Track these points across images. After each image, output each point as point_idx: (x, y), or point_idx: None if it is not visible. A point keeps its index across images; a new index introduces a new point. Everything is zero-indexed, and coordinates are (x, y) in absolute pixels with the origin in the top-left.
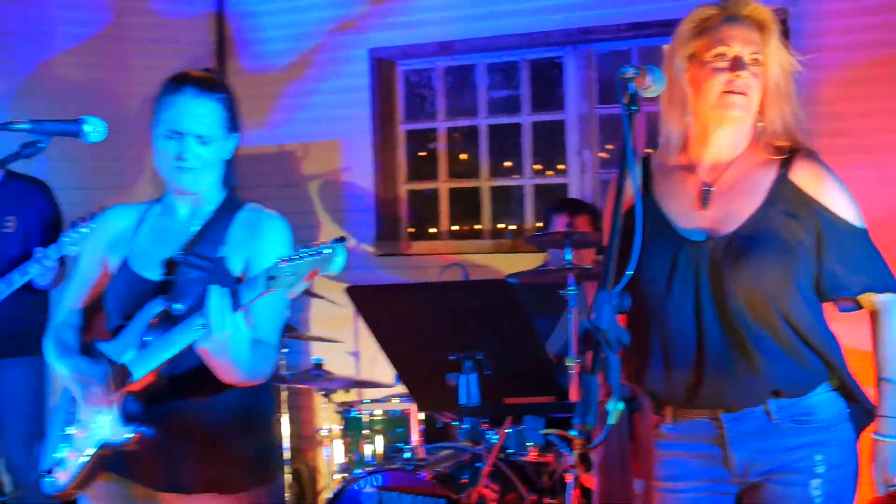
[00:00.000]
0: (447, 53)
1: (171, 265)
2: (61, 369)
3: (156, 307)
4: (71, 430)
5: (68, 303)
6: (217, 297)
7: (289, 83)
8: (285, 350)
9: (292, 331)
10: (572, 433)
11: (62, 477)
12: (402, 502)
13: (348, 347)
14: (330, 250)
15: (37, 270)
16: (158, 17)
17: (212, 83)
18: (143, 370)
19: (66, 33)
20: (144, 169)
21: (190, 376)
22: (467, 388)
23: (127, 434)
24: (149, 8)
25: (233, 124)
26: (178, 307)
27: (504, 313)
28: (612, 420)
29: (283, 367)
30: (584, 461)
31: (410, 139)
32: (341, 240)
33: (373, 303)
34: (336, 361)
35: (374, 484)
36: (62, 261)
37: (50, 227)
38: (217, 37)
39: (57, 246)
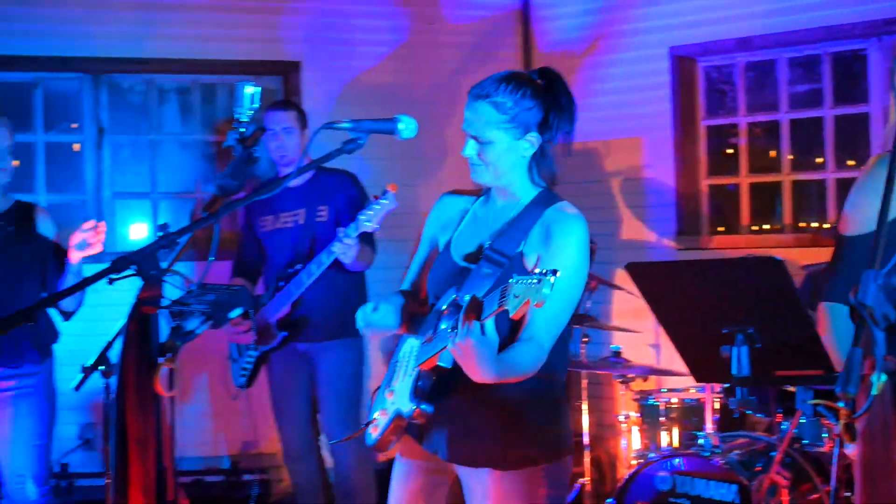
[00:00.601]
0: (747, 49)
1: (473, 255)
2: (387, 323)
3: (449, 297)
4: (387, 392)
5: (410, 277)
6: (465, 308)
7: (591, 82)
8: (586, 340)
9: (593, 320)
10: (840, 404)
11: (374, 432)
12: (695, 487)
13: (649, 339)
14: (537, 280)
15: (339, 249)
16: (464, 23)
17: (493, 84)
18: (425, 356)
19: (380, 41)
20: (445, 166)
21: None
22: (738, 359)
23: (411, 408)
24: (455, 14)
25: (521, 124)
26: (466, 299)
27: (774, 289)
28: (874, 391)
29: (583, 354)
30: (849, 430)
31: (711, 135)
32: (553, 272)
33: (650, 278)
34: (637, 353)
35: (669, 468)
36: (362, 238)
37: (356, 212)
38: (522, 38)
39: (355, 224)
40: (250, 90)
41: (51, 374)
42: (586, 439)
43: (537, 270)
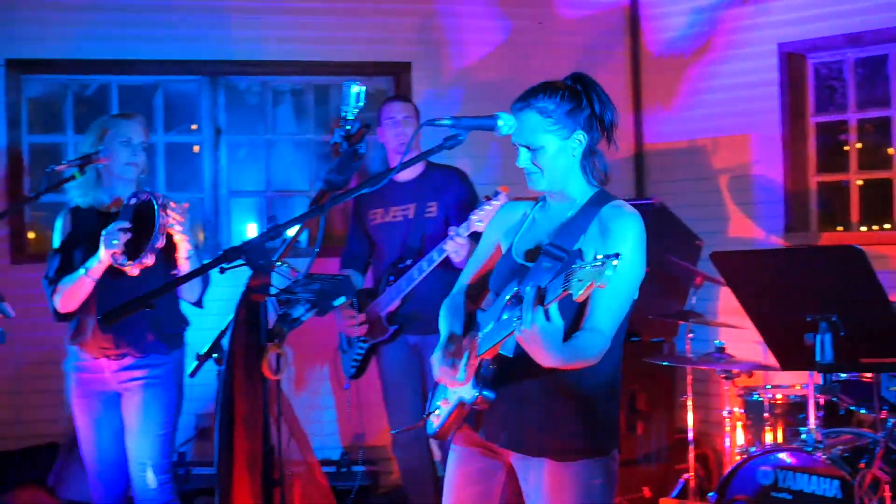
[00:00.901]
0: (857, 45)
1: (532, 253)
2: (441, 329)
3: (511, 289)
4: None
5: (467, 275)
6: (529, 294)
7: (699, 79)
8: (691, 335)
9: (698, 317)
10: None
11: (436, 421)
12: (797, 481)
13: (755, 336)
14: (601, 263)
15: (451, 247)
16: (573, 22)
17: (534, 93)
18: (488, 344)
19: (490, 41)
20: None
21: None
22: (822, 347)
23: (474, 395)
24: (564, 13)
25: (566, 125)
26: (530, 288)
27: (857, 278)
28: None
29: (688, 350)
30: None
31: (820, 131)
32: (616, 256)
33: (735, 267)
34: (742, 349)
35: (771, 463)
36: (471, 236)
37: (466, 210)
38: (630, 37)
39: (467, 224)
40: (356, 89)
41: (180, 364)
42: (691, 435)
43: (600, 256)
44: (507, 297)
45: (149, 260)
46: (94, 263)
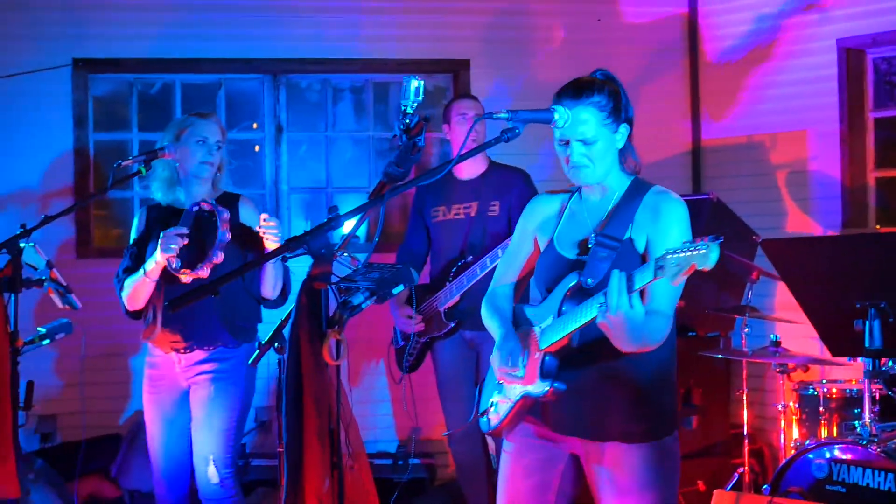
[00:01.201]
0: None
1: (583, 245)
2: (492, 329)
3: (570, 281)
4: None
5: (507, 272)
6: (615, 281)
7: (756, 76)
8: (746, 330)
9: (754, 311)
10: None
11: (494, 418)
12: (851, 475)
13: (811, 332)
14: (705, 249)
15: None
16: (634, 23)
17: (586, 88)
18: (556, 336)
19: (548, 38)
20: None
21: (599, 341)
22: (871, 333)
23: (544, 388)
24: (623, 12)
25: (615, 119)
26: (589, 282)
27: None
28: None
29: (743, 344)
30: None
31: (879, 127)
32: (718, 238)
33: (785, 254)
34: (799, 344)
35: (826, 456)
36: None
37: None
38: (688, 34)
39: None
40: (415, 83)
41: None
42: (746, 430)
43: (700, 240)
44: (566, 289)
45: (203, 272)
46: (152, 264)
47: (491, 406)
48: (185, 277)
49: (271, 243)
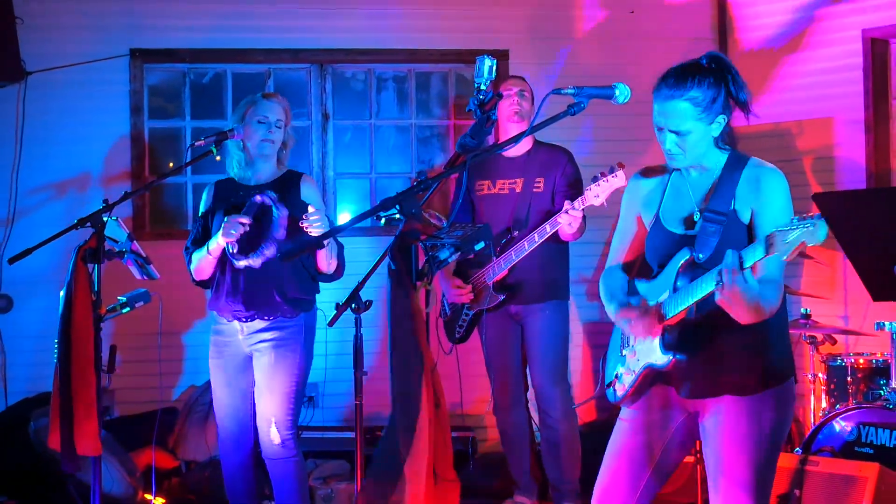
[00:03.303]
0: None
1: (689, 220)
2: (610, 309)
3: (683, 256)
4: (625, 353)
5: (615, 253)
6: (729, 259)
7: (783, 64)
8: None
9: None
10: None
11: (620, 389)
12: (879, 436)
13: (838, 310)
14: (813, 226)
15: (566, 220)
16: (665, 13)
17: (686, 80)
18: (674, 310)
19: (583, 28)
20: (649, 148)
21: (714, 312)
22: None
23: (666, 359)
24: (658, 4)
25: (711, 112)
26: (700, 256)
27: None
28: None
29: None
30: None
31: None
32: (821, 217)
33: (836, 207)
34: (827, 321)
35: (854, 419)
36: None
37: (573, 187)
38: (718, 22)
39: (581, 198)
40: (489, 63)
41: (308, 327)
42: None
43: (807, 217)
44: (679, 265)
45: (255, 262)
46: (214, 244)
47: (615, 378)
48: (238, 263)
49: (315, 233)
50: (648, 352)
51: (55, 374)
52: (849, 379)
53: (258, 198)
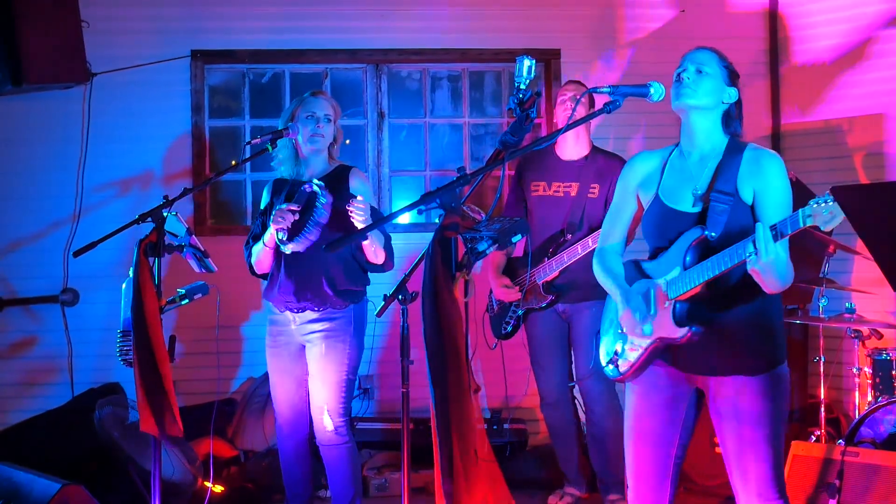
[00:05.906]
0: None
1: (696, 200)
2: (609, 287)
3: (694, 234)
4: (623, 330)
5: (614, 230)
6: (762, 231)
7: (833, 58)
8: (823, 300)
9: (831, 282)
10: None
11: (623, 365)
12: None
13: (887, 306)
14: (833, 200)
15: None
16: (717, 13)
17: (705, 47)
18: (688, 286)
19: (635, 28)
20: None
21: (736, 287)
22: None
23: (680, 333)
24: (709, 4)
25: (731, 77)
26: (712, 234)
27: None
28: None
29: (820, 312)
30: None
31: None
32: (834, 199)
33: (856, 200)
34: (875, 316)
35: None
36: None
37: None
38: (769, 30)
39: None
40: (528, 63)
41: (358, 318)
42: (823, 391)
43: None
44: (689, 242)
45: (299, 246)
46: (268, 235)
47: (616, 355)
48: (285, 248)
49: (358, 222)
50: (660, 326)
51: (135, 363)
52: (893, 373)
53: (307, 187)
